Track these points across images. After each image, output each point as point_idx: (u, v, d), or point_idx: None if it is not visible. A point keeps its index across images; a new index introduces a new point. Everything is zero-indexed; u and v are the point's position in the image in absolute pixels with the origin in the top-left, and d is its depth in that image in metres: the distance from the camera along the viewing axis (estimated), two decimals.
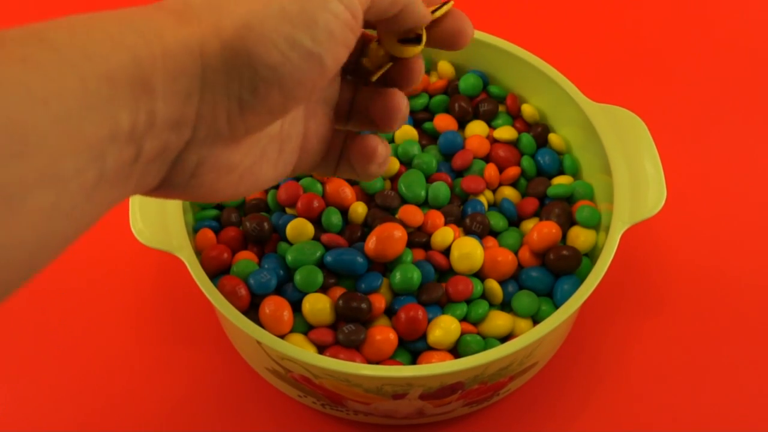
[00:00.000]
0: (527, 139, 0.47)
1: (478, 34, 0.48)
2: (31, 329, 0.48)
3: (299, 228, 0.42)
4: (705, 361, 0.47)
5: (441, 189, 0.44)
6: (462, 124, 0.49)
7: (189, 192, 0.29)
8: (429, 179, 0.46)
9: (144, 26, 0.25)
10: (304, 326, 0.40)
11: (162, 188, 0.28)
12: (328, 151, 0.35)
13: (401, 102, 0.34)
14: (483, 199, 0.45)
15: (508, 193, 0.46)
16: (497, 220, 0.44)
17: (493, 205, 0.46)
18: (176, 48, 0.25)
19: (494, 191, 0.47)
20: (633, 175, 0.43)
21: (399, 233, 0.41)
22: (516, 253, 0.43)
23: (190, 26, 0.26)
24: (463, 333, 0.40)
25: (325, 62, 0.27)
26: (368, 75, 0.34)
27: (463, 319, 0.41)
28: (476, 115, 0.49)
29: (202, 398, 0.45)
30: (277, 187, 0.45)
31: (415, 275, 0.41)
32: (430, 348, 0.40)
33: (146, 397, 0.45)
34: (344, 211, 0.44)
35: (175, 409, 0.45)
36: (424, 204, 0.45)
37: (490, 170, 0.46)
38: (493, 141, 0.48)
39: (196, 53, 0.25)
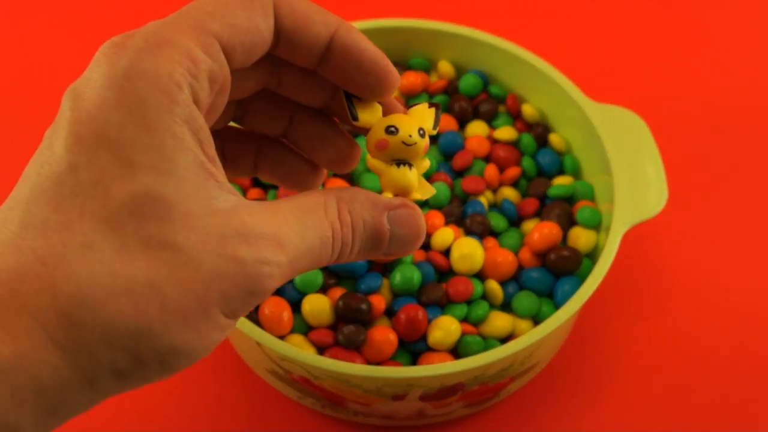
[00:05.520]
0: (527, 139, 0.47)
1: (478, 34, 0.48)
2: None
3: None
4: (705, 362, 0.47)
5: (441, 189, 0.44)
6: (462, 125, 0.49)
7: None
8: (429, 179, 0.45)
9: (18, 366, 0.20)
10: (303, 327, 0.40)
11: None
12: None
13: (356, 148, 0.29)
14: (483, 199, 0.45)
15: (509, 193, 0.46)
16: (497, 221, 0.44)
17: (493, 206, 0.46)
18: (53, 389, 0.21)
19: (494, 191, 0.46)
20: (634, 176, 0.43)
21: None
22: (516, 253, 0.43)
23: (78, 359, 0.21)
24: (463, 334, 0.40)
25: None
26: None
27: (464, 320, 0.41)
28: (476, 115, 0.48)
29: (201, 399, 0.45)
30: (276, 187, 0.45)
31: (415, 276, 0.41)
32: (430, 349, 0.40)
33: (145, 397, 0.45)
34: None
35: (174, 409, 0.45)
36: (424, 204, 0.45)
37: (491, 170, 0.46)
38: (494, 141, 0.48)
39: (85, 386, 0.22)
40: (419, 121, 0.28)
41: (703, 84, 0.59)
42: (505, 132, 0.47)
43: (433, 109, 0.29)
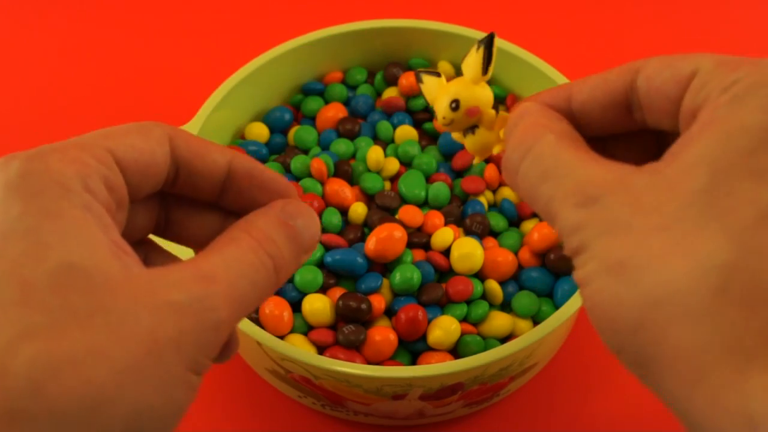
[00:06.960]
0: None
1: (478, 34, 0.48)
2: None
3: None
4: None
5: (441, 189, 0.44)
6: None
7: None
8: (429, 180, 0.46)
9: None
10: (304, 327, 0.40)
11: None
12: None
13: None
14: (483, 199, 0.45)
15: (508, 193, 0.46)
16: (497, 221, 0.44)
17: (493, 206, 0.46)
18: None
19: (494, 192, 0.46)
20: None
21: (399, 234, 0.41)
22: (516, 253, 0.43)
23: None
24: (463, 333, 0.40)
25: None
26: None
27: (463, 320, 0.41)
28: None
29: (201, 399, 0.45)
30: None
31: (415, 276, 0.41)
32: (430, 348, 0.40)
33: None
34: (344, 212, 0.44)
35: None
36: (424, 204, 0.45)
37: (490, 171, 0.46)
38: None
39: None
40: (452, 93, 0.28)
41: None
42: None
43: (480, 52, 0.27)
